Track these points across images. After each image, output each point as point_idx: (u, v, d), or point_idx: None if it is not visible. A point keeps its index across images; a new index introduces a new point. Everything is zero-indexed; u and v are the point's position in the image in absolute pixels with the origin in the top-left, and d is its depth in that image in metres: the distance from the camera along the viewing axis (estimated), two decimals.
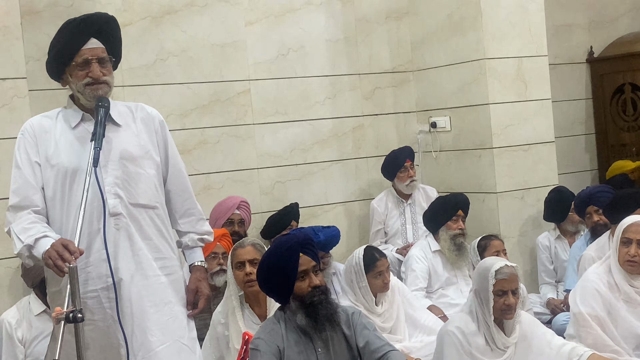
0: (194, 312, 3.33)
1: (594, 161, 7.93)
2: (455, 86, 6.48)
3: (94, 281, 3.09)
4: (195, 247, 3.40)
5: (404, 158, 6.20)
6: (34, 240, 2.95)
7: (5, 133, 4.62)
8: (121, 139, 3.19)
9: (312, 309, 3.43)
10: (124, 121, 3.24)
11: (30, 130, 3.19)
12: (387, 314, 4.70)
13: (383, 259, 4.69)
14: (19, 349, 4.39)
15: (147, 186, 3.21)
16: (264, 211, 6.13)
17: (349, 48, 6.59)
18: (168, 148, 3.34)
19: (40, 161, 3.15)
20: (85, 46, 3.14)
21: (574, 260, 5.60)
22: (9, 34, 4.65)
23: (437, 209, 5.68)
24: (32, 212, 3.08)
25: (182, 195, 3.36)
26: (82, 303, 3.02)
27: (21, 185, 3.12)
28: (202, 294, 3.33)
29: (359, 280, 4.66)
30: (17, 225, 3.05)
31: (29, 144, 3.16)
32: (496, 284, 3.90)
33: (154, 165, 3.26)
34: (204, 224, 3.43)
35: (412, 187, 6.22)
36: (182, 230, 3.38)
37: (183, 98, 5.88)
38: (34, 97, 4.96)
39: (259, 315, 4.17)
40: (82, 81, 3.14)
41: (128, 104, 3.33)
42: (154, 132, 3.30)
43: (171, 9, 5.85)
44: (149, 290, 3.16)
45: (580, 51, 7.86)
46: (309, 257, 3.49)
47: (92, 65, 3.13)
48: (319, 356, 3.47)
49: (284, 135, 6.31)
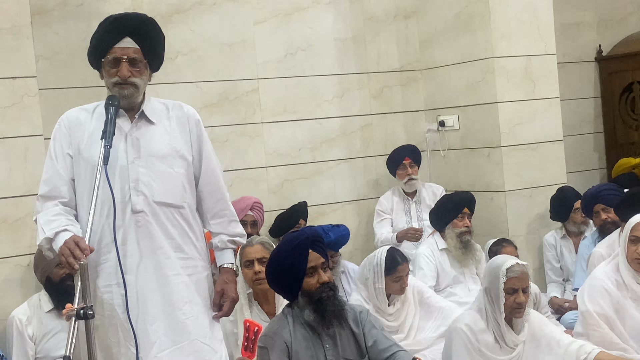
0: (218, 314, 3.29)
1: (602, 160, 7.92)
2: (464, 85, 6.48)
3: (110, 276, 3.10)
4: (225, 248, 3.33)
5: (403, 156, 6.21)
6: (55, 233, 2.99)
7: (15, 131, 4.64)
8: (152, 136, 3.19)
9: (320, 305, 3.45)
10: (158, 119, 3.23)
11: (66, 122, 3.22)
12: (398, 313, 4.70)
13: (405, 264, 4.64)
14: (29, 346, 4.41)
15: (174, 185, 3.19)
16: (273, 209, 6.14)
17: (358, 47, 6.60)
18: (202, 148, 3.30)
19: (72, 153, 3.17)
20: (117, 44, 3.13)
21: (582, 258, 5.59)
22: (19, 33, 4.66)
23: (443, 207, 5.69)
24: (59, 204, 3.12)
25: (214, 196, 3.31)
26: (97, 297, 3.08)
27: (51, 175, 3.16)
28: (227, 297, 3.28)
29: (375, 281, 4.61)
30: (42, 216, 3.09)
31: (63, 136, 3.19)
32: (507, 282, 3.91)
33: (184, 164, 3.23)
34: (236, 226, 3.37)
35: (411, 185, 6.19)
36: (213, 231, 3.34)
37: (192, 97, 5.90)
38: (44, 95, 4.99)
39: (268, 312, 4.19)
40: (111, 79, 3.15)
41: (165, 102, 3.31)
42: (188, 131, 3.27)
43: (180, 8, 5.86)
44: (167, 288, 3.14)
45: (589, 50, 7.84)
46: (318, 253, 3.51)
47: (122, 64, 3.12)
48: (326, 352, 3.49)
49: (292, 133, 6.32)
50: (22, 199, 4.63)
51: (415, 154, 6.29)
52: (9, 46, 4.63)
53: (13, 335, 4.42)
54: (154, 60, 3.25)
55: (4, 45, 4.62)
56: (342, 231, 5.44)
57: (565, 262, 6.11)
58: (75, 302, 2.71)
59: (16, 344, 4.40)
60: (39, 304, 4.48)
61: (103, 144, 3.00)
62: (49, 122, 4.96)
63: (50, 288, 4.45)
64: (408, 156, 6.22)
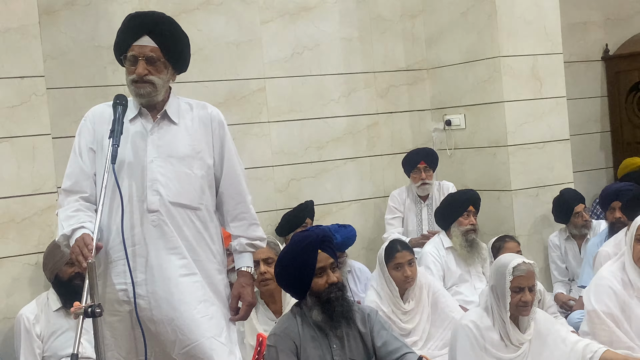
0: (234, 318, 3.29)
1: (609, 159, 7.91)
2: (470, 84, 6.48)
3: (121, 275, 3.11)
4: (243, 252, 3.31)
5: (418, 159, 6.15)
6: (71, 230, 3.03)
7: (23, 131, 4.66)
8: (173, 136, 3.18)
9: (328, 305, 3.46)
10: (181, 119, 3.22)
11: (91, 117, 3.23)
12: (412, 313, 4.68)
13: (404, 252, 4.64)
14: (36, 344, 4.41)
15: (192, 186, 3.18)
16: (279, 208, 6.15)
17: (364, 46, 6.61)
18: (224, 150, 3.28)
19: (96, 148, 3.18)
20: (136, 42, 3.13)
21: (590, 256, 5.58)
22: (27, 33, 4.69)
23: (447, 205, 5.68)
24: (80, 199, 3.14)
25: (235, 199, 3.29)
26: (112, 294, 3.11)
27: (74, 170, 3.18)
28: (244, 300, 3.27)
29: (382, 271, 4.68)
30: (63, 211, 3.12)
31: (88, 131, 3.20)
32: (513, 281, 3.90)
33: (204, 166, 3.22)
34: (256, 230, 3.33)
35: (424, 190, 6.15)
36: (233, 233, 3.32)
37: (199, 96, 5.83)
38: (52, 95, 5.02)
39: (274, 311, 4.20)
40: (129, 77, 3.16)
41: (190, 101, 3.30)
42: (210, 132, 3.25)
43: (187, 8, 5.88)
44: (180, 288, 3.13)
45: (596, 49, 7.84)
46: (327, 254, 3.52)
47: (139, 62, 3.12)
48: (333, 352, 3.50)
49: (298, 133, 6.33)
50: (30, 198, 4.65)
51: (431, 158, 6.21)
52: (17, 46, 4.65)
53: (21, 333, 4.44)
54: (176, 60, 3.22)
55: (12, 44, 4.64)
56: (349, 232, 5.44)
57: (570, 263, 6.11)
58: (83, 300, 2.72)
59: (24, 342, 4.42)
60: (47, 302, 4.50)
61: (110, 143, 3.01)
62: (56, 121, 5.02)
63: (58, 286, 4.47)
64: (424, 160, 6.15)
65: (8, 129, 4.63)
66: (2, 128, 4.62)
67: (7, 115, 4.62)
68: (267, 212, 6.08)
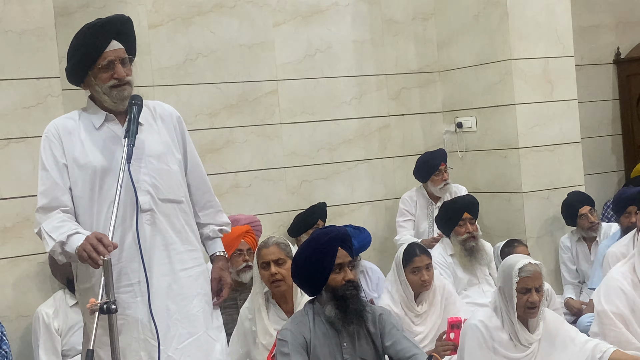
0: (218, 300, 3.41)
1: (620, 162, 7.91)
2: (482, 86, 6.50)
3: (127, 276, 3.15)
4: (215, 237, 3.47)
5: (439, 162, 6.14)
6: (67, 237, 3.01)
7: (39, 131, 4.59)
8: (145, 137, 3.24)
9: (342, 302, 3.52)
10: (146, 120, 3.29)
11: (55, 132, 3.23)
12: (425, 315, 4.67)
13: (423, 256, 4.62)
14: (56, 340, 4.47)
15: (173, 181, 3.28)
16: (291, 210, 6.19)
17: (376, 48, 6.64)
18: (186, 143, 3.41)
19: (67, 162, 3.18)
20: (108, 48, 3.17)
21: (602, 258, 5.57)
22: (44, 34, 4.74)
23: (443, 215, 5.63)
24: (61, 212, 3.12)
25: (201, 189, 3.44)
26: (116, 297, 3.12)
27: (49, 186, 3.16)
28: (225, 282, 3.42)
29: (399, 274, 4.66)
30: (47, 224, 3.09)
31: (55, 146, 3.20)
32: (520, 282, 3.91)
33: (176, 161, 3.32)
34: (222, 216, 3.51)
35: (445, 189, 6.17)
36: (202, 222, 3.44)
37: (212, 98, 5.96)
38: (67, 96, 5.05)
39: (286, 311, 4.20)
40: (107, 83, 3.17)
41: (146, 102, 3.34)
42: (172, 129, 3.36)
43: (200, 10, 5.93)
44: (179, 283, 3.23)
45: (607, 52, 7.84)
46: (346, 251, 3.58)
47: (117, 66, 3.17)
48: (344, 350, 3.53)
49: (310, 134, 6.37)
50: None
51: (446, 158, 6.25)
52: (34, 47, 4.71)
53: (40, 329, 4.49)
54: (134, 54, 3.33)
55: (28, 46, 4.70)
56: (365, 239, 5.45)
57: (580, 265, 6.11)
58: (98, 297, 2.76)
59: (43, 338, 4.46)
60: (64, 298, 4.55)
61: (126, 143, 3.05)
62: None
63: (72, 287, 4.51)
64: (443, 161, 6.16)
65: (24, 130, 4.69)
66: (18, 128, 4.68)
67: (23, 116, 4.68)
68: (279, 213, 6.12)
